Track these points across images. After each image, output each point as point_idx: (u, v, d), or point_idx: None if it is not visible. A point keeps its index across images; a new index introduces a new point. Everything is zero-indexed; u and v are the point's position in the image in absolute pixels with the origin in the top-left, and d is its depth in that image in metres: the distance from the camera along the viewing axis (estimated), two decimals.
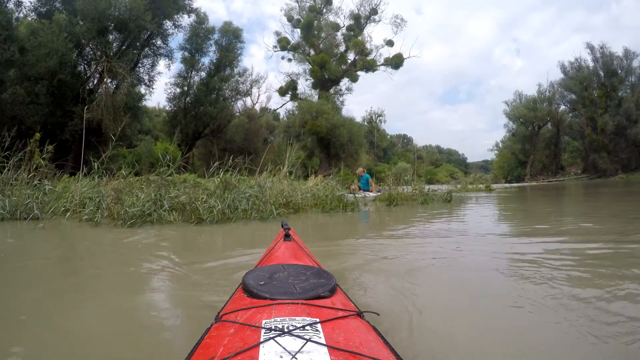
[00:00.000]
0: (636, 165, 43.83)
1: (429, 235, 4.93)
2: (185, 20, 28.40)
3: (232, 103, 34.49)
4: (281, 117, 47.60)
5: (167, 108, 34.56)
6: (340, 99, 36.54)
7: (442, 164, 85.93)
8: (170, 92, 31.87)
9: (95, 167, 7.54)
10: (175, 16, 26.27)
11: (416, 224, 6.29)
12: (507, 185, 36.00)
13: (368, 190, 12.37)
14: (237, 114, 36.08)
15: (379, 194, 11.46)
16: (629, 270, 2.77)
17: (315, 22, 34.94)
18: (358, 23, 35.32)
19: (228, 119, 33.32)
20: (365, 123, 65.10)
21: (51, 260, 3.89)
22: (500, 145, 62.06)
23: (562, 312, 1.97)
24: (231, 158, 8.10)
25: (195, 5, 28.06)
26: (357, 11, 35.58)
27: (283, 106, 40.99)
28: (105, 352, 1.66)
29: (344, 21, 36.08)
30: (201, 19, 30.56)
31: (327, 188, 9.29)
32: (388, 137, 77.49)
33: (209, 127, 32.34)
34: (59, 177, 9.75)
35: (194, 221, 6.06)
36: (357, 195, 9.96)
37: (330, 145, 30.90)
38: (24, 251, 4.37)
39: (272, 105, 43.69)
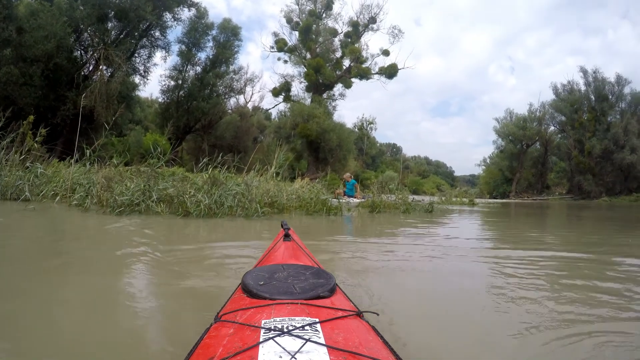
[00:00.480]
0: (620, 189, 44.49)
1: (409, 240, 5.19)
2: (185, 13, 28.29)
3: (225, 100, 34.42)
4: (273, 117, 47.66)
5: (159, 100, 34.48)
6: (333, 104, 36.68)
7: (430, 175, 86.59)
8: (165, 84, 31.76)
9: (88, 154, 7.67)
10: (176, 9, 26.17)
11: (397, 230, 6.57)
12: (490, 200, 36.50)
13: (353, 196, 12.63)
14: (229, 111, 36.01)
15: (362, 200, 11.71)
16: (594, 281, 3.03)
17: (314, 26, 35.09)
18: (356, 30, 35.47)
19: (220, 116, 33.22)
20: (356, 129, 65.47)
21: (41, 243, 4.06)
22: (488, 161, 62.45)
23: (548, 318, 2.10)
24: (220, 155, 8.31)
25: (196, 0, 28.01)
26: (356, 18, 35.71)
27: (275, 107, 41.08)
28: (102, 352, 1.62)
29: (342, 27, 36.15)
30: (201, 13, 30.47)
31: (313, 191, 9.51)
32: (377, 145, 77.75)
33: (200, 122, 32.22)
34: (49, 161, 9.85)
35: (180, 213, 6.26)
36: (340, 200, 10.20)
37: (320, 149, 30.92)
38: (13, 230, 4.54)
39: (265, 104, 43.68)
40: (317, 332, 0.85)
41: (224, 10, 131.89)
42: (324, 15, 36.18)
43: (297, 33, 35.88)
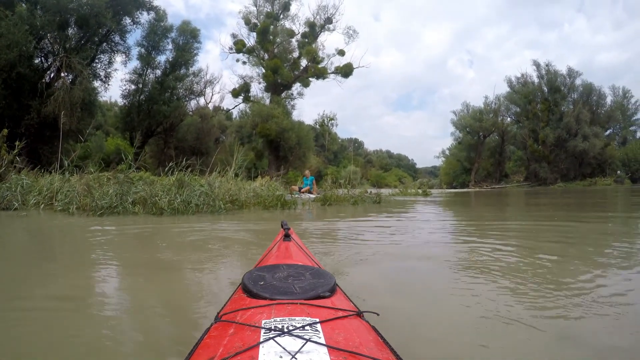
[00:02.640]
0: (574, 174, 47.34)
1: (343, 226, 6.34)
2: (144, 17, 28.55)
3: (186, 103, 34.70)
4: (234, 116, 48.05)
5: (119, 103, 34.52)
6: (292, 103, 37.56)
7: (392, 168, 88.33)
8: (125, 89, 31.82)
9: (67, 164, 8.58)
10: (135, 13, 26.39)
11: (338, 219, 7.73)
12: (444, 190, 38.14)
13: (310, 192, 13.89)
14: (190, 112, 36.27)
15: (318, 195, 12.95)
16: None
17: (272, 27, 35.74)
18: (313, 31, 36.21)
19: (181, 118, 33.50)
20: (317, 126, 66.61)
21: (43, 243, 5.00)
22: (447, 153, 64.42)
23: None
24: (185, 159, 9.39)
25: (155, 2, 28.22)
26: (312, 19, 36.57)
27: (236, 107, 41.65)
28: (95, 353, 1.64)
29: (299, 28, 36.94)
30: (160, 16, 30.62)
31: (270, 189, 10.68)
32: (339, 140, 78.82)
33: (162, 125, 32.45)
34: (31, 172, 10.53)
35: (155, 213, 7.32)
36: (294, 195, 11.47)
37: (280, 147, 31.78)
38: (18, 234, 5.52)
39: (226, 104, 43.86)
40: (317, 332, 0.86)
41: (182, 8, 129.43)
42: (281, 16, 36.88)
43: (255, 34, 36.56)
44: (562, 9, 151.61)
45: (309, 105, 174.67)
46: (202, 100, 38.76)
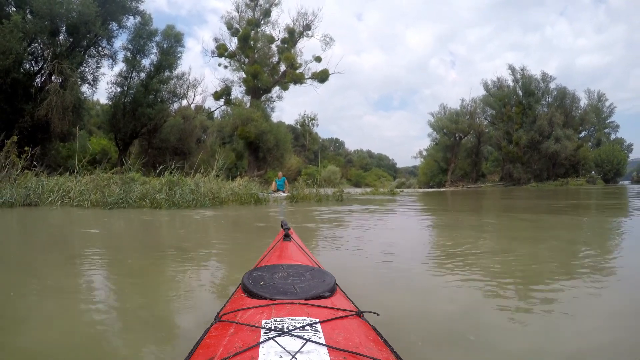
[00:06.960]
0: (547, 175, 49.53)
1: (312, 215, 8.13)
2: (130, 21, 28.97)
3: (169, 105, 34.93)
4: (216, 115, 48.76)
5: (102, 102, 34.90)
6: (271, 106, 38.72)
7: (372, 168, 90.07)
8: (111, 91, 31.98)
9: (78, 168, 10.34)
10: (122, 17, 27.03)
11: (303, 212, 9.53)
12: (419, 190, 39.92)
13: (283, 191, 15.94)
14: (173, 113, 36.37)
15: (288, 194, 14.90)
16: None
17: (253, 32, 36.77)
18: (292, 37, 37.40)
19: (164, 120, 33.73)
20: (298, 126, 68.13)
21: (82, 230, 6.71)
22: (425, 153, 65.58)
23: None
24: (172, 162, 11.21)
25: (141, 7, 28.78)
26: (292, 25, 37.66)
27: (218, 109, 42.82)
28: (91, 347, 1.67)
29: (278, 34, 38.02)
30: (146, 20, 30.74)
31: (247, 188, 12.55)
32: (320, 140, 79.80)
33: (146, 127, 32.69)
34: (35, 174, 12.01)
35: (155, 207, 9.12)
36: (265, 193, 13.45)
37: (259, 149, 32.91)
38: (59, 224, 7.25)
39: (208, 104, 44.26)
40: (317, 332, 0.87)
41: (163, 4, 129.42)
42: (262, 22, 37.98)
43: (236, 39, 37.61)
44: (545, 12, 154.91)
45: (291, 105, 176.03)
46: (184, 101, 39.25)
